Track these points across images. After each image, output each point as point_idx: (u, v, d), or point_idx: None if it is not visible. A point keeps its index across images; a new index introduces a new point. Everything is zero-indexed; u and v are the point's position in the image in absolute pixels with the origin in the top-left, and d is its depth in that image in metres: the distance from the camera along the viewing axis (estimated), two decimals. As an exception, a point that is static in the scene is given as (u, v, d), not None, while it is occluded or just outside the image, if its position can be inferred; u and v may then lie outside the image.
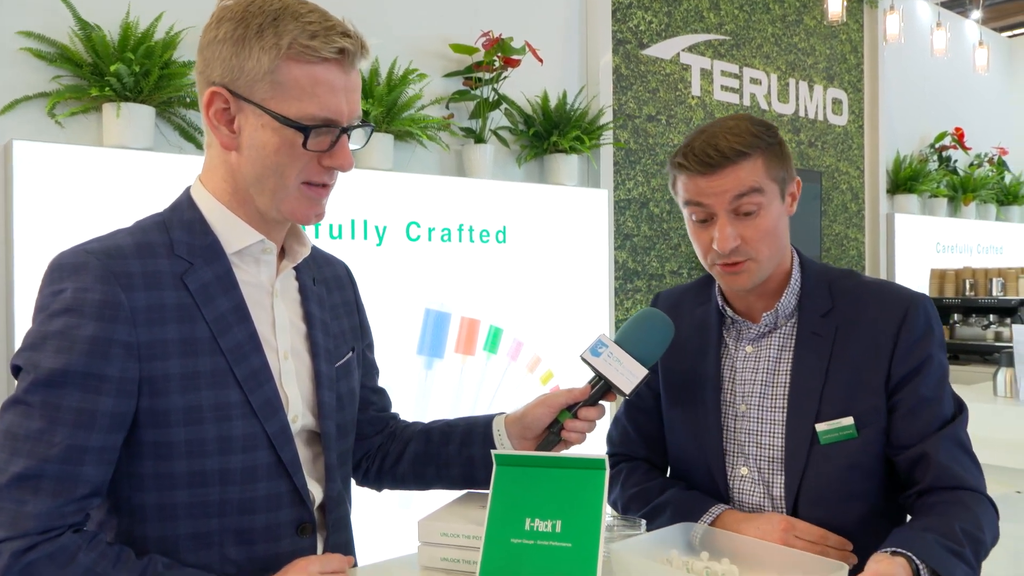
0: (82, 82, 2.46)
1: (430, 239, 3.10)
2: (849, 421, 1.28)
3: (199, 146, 2.65)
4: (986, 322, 4.84)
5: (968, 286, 5.04)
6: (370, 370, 1.42)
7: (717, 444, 1.37)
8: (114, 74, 2.39)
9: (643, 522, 1.30)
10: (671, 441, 1.47)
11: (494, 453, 1.13)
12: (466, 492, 1.39)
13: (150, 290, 1.06)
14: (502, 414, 1.36)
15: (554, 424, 1.29)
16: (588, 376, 1.29)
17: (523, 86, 3.53)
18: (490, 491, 1.11)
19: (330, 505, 1.21)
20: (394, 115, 3.02)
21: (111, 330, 1.02)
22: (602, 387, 1.27)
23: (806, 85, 5.06)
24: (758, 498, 1.34)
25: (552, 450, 1.27)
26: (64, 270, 1.05)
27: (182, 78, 2.54)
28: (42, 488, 0.98)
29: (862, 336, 1.31)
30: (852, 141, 5.38)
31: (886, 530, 1.19)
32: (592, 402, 1.28)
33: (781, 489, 1.32)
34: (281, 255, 1.22)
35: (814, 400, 1.30)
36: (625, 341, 1.28)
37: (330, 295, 1.31)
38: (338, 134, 1.11)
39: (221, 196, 1.15)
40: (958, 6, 6.34)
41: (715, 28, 4.51)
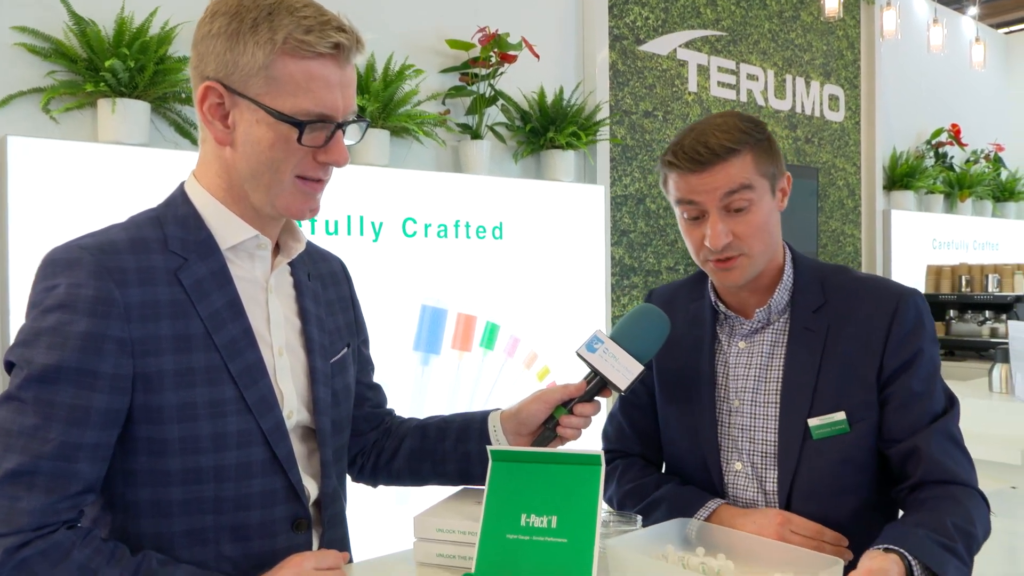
0: (77, 77, 2.45)
1: (426, 235, 3.09)
2: (841, 416, 1.29)
3: (194, 142, 2.64)
4: (982, 318, 4.85)
5: (964, 282, 5.05)
6: (365, 366, 1.42)
7: (711, 439, 1.38)
8: (109, 69, 2.38)
9: (639, 518, 1.30)
10: (666, 437, 1.47)
11: (490, 449, 1.14)
12: (462, 488, 1.39)
13: (144, 286, 1.05)
14: (498, 410, 1.36)
15: (550, 420, 1.28)
16: (584, 372, 1.29)
17: (520, 82, 3.52)
18: (486, 487, 1.11)
19: (325, 501, 1.21)
20: (390, 111, 3.02)
21: (104, 326, 1.01)
22: (598, 383, 1.27)
23: (803, 81, 5.06)
24: (752, 493, 1.35)
25: (548, 446, 1.27)
26: (57, 266, 1.04)
27: (177, 73, 2.53)
28: (36, 484, 0.98)
29: (854, 331, 1.31)
30: (849, 137, 5.38)
31: (879, 524, 1.20)
32: (588, 398, 1.28)
33: (774, 484, 1.32)
34: (276, 251, 1.22)
35: (807, 395, 1.30)
36: (621, 337, 1.28)
37: (325, 291, 1.31)
38: (333, 129, 1.10)
39: (215, 191, 1.14)
40: (955, 2, 6.34)
41: (712, 24, 4.50)
